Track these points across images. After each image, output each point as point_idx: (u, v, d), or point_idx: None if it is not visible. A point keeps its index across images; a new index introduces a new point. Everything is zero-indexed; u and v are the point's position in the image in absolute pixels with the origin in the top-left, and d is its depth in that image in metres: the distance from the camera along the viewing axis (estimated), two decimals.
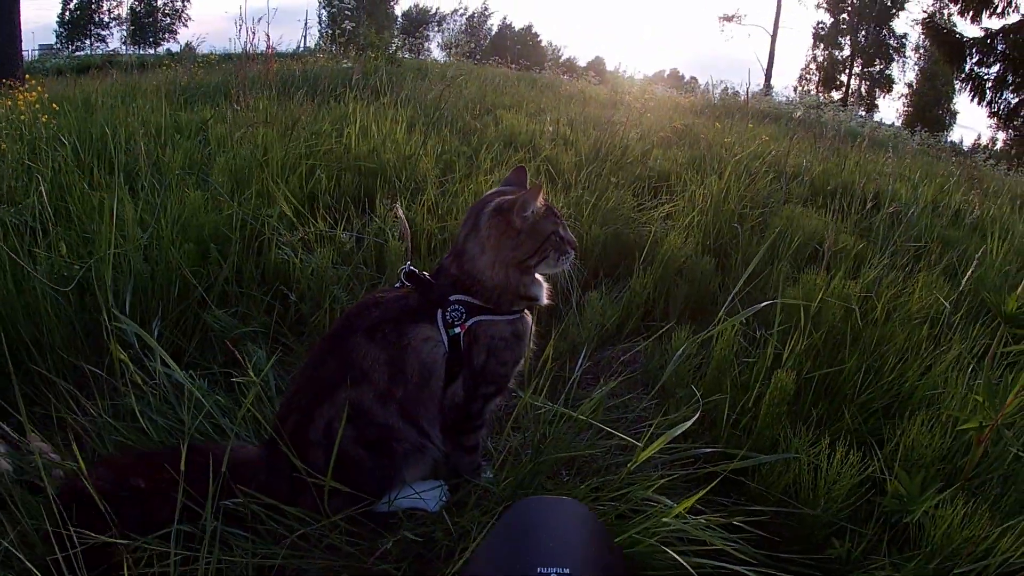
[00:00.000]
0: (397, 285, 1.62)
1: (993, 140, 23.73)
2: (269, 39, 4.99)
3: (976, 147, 17.51)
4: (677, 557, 1.29)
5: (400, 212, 2.17)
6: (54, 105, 4.20)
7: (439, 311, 1.53)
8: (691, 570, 1.28)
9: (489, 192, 1.70)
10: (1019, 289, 2.73)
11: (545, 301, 1.67)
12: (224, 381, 2.02)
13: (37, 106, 4.02)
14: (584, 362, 2.01)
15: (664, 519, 1.37)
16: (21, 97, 3.94)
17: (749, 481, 1.72)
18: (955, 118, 36.39)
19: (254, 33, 4.81)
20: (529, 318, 1.66)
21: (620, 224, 3.28)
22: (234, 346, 2.14)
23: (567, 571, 0.79)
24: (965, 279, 2.56)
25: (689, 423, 1.48)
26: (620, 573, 0.91)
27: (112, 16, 41.33)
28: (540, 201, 1.57)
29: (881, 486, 1.71)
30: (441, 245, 2.76)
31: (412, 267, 1.60)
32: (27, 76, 6.56)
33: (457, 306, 1.54)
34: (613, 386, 1.76)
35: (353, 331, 1.53)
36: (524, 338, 1.64)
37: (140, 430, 1.73)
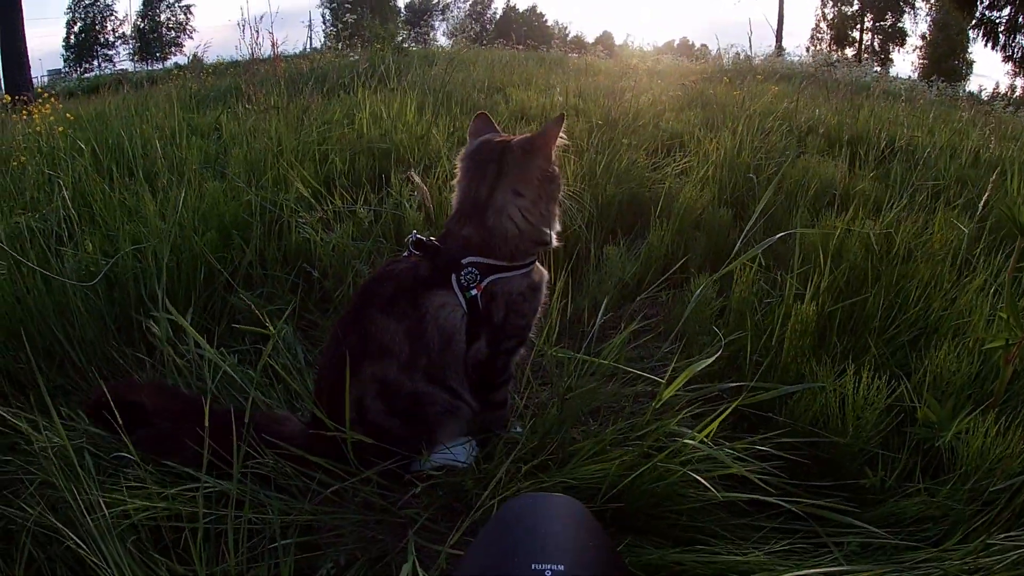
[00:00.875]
0: (406, 254, 1.63)
1: (1012, 88, 23.13)
2: (274, 37, 5.02)
3: (995, 95, 17.04)
4: (700, 479, 1.31)
5: (416, 177, 2.18)
6: (69, 115, 4.28)
7: (453, 275, 1.54)
8: (715, 492, 1.29)
9: (471, 144, 1.68)
10: None
11: (556, 242, 1.67)
12: (254, 358, 2.07)
13: (52, 119, 4.10)
14: (604, 315, 2.02)
15: (687, 441, 1.38)
16: (37, 111, 4.02)
17: (776, 416, 1.73)
18: (972, 68, 35.31)
19: (258, 32, 4.85)
20: (542, 268, 1.68)
21: (635, 183, 3.27)
22: (261, 324, 2.21)
23: (561, 568, 0.79)
24: (982, 203, 2.51)
25: (711, 359, 1.47)
26: (615, 569, 0.90)
27: (117, 35, 41.86)
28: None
29: (911, 416, 1.70)
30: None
31: (419, 235, 1.61)
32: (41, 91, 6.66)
33: (471, 268, 1.54)
34: (633, 328, 1.76)
35: (369, 306, 1.54)
36: (540, 288, 1.66)
37: None
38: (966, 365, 1.79)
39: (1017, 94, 20.13)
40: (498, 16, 47.11)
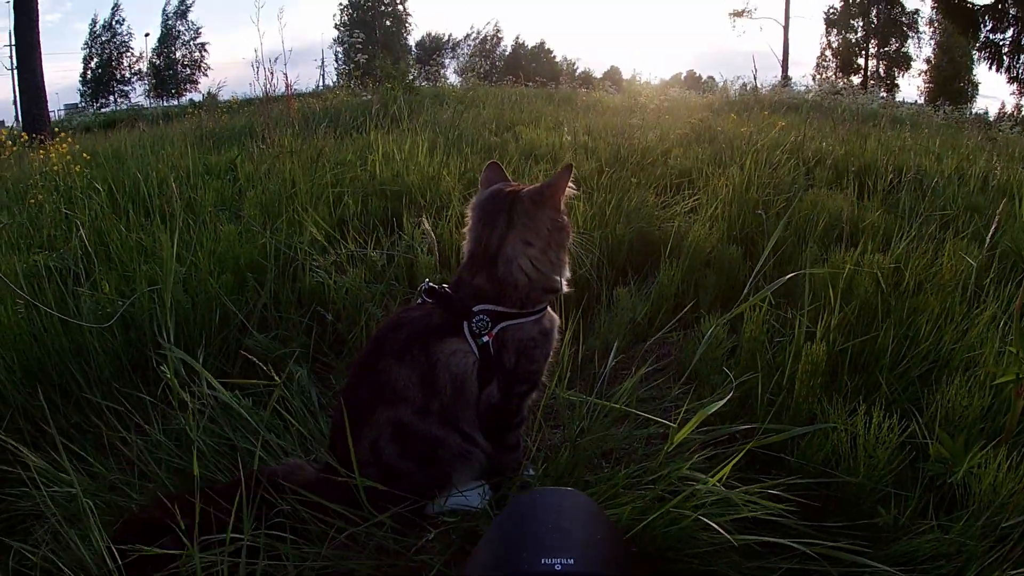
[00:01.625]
0: (419, 302, 1.66)
1: (1018, 107, 23.15)
2: (287, 78, 5.12)
3: (1001, 116, 17.10)
4: (712, 523, 1.30)
5: (427, 225, 2.22)
6: (86, 155, 4.37)
7: (464, 323, 1.56)
8: (728, 537, 1.28)
9: (482, 193, 1.71)
10: None
11: (566, 289, 1.69)
12: (269, 400, 2.08)
13: (69, 157, 4.18)
14: (616, 357, 2.03)
15: (700, 487, 1.38)
16: (53, 149, 4.10)
17: (788, 457, 1.72)
18: (977, 89, 35.50)
19: (272, 73, 4.94)
20: (554, 314, 1.70)
21: (644, 223, 3.29)
22: (276, 365, 2.22)
23: (571, 562, 0.80)
24: (989, 236, 2.52)
25: (723, 401, 1.48)
26: (624, 562, 0.90)
27: (133, 71, 42.63)
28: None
29: (923, 452, 1.70)
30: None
31: (431, 283, 1.64)
32: (57, 131, 6.80)
33: (482, 316, 1.56)
34: (643, 371, 1.78)
35: (382, 354, 1.57)
36: (551, 334, 1.67)
37: (189, 450, 1.80)
38: (977, 400, 1.79)
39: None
40: (507, 52, 47.79)
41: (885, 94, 20.56)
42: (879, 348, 2.15)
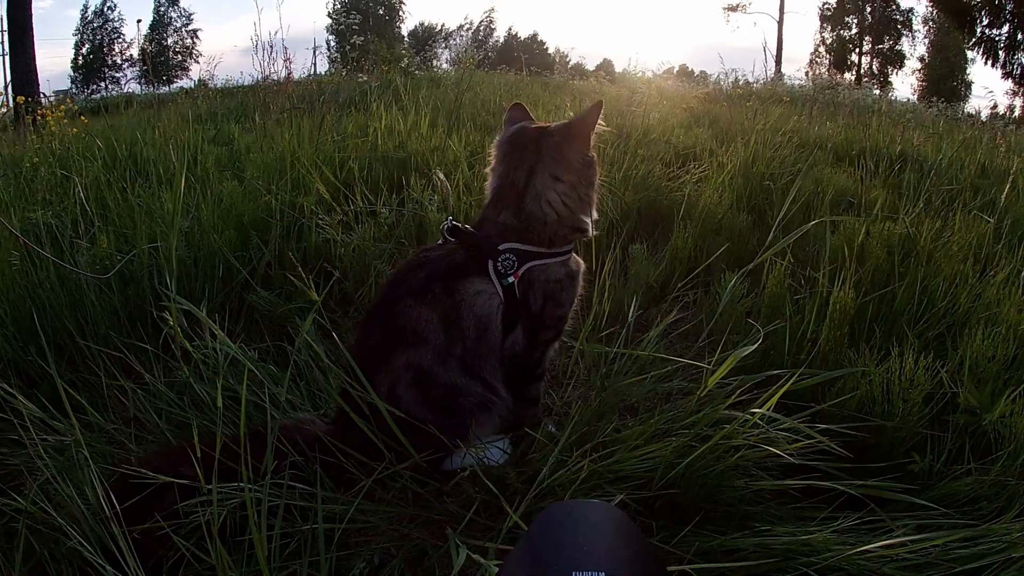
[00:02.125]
0: (440, 242, 1.59)
1: (1011, 107, 23.33)
2: (288, 53, 5.06)
3: (993, 115, 17.23)
4: (757, 458, 1.26)
5: (440, 176, 2.16)
6: (83, 118, 4.27)
7: (489, 262, 1.50)
8: (768, 480, 1.24)
9: (507, 130, 1.66)
10: None
11: (592, 232, 1.64)
12: (275, 355, 2.03)
13: (66, 121, 4.08)
14: (635, 312, 1.98)
15: (741, 418, 1.34)
16: (51, 115, 4.00)
17: (819, 405, 1.68)
18: (970, 88, 35.59)
19: (272, 47, 4.87)
20: (579, 258, 1.64)
21: (652, 191, 3.26)
22: (283, 323, 2.17)
23: (602, 574, 0.76)
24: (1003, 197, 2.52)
25: (755, 346, 1.44)
26: (657, 574, 0.88)
27: (124, 57, 42.15)
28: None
29: (949, 404, 1.69)
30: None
31: (454, 221, 1.57)
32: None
33: (508, 255, 1.50)
34: (668, 321, 1.72)
35: (400, 295, 1.50)
36: (577, 277, 1.62)
37: (192, 403, 1.74)
38: (1001, 350, 1.79)
39: (1016, 113, 20.35)
40: (500, 43, 47.68)
41: (879, 91, 20.56)
42: (897, 307, 2.14)
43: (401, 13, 44.50)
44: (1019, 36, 18.34)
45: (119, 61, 41.97)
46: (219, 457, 1.18)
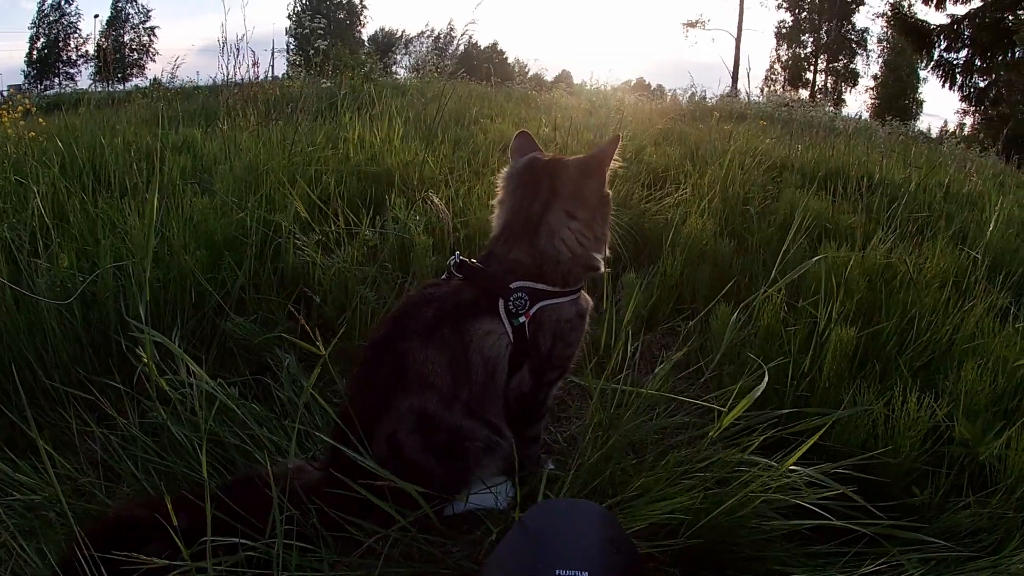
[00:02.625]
0: (444, 277, 1.52)
1: (960, 126, 24.26)
2: (255, 55, 4.89)
3: (944, 133, 17.90)
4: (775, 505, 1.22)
5: (436, 199, 2.08)
6: (41, 120, 4.06)
7: (500, 301, 1.43)
8: (783, 522, 1.21)
9: (517, 162, 1.60)
10: None
11: (604, 269, 1.58)
12: (256, 391, 1.91)
13: (22, 123, 3.86)
14: (631, 343, 1.93)
15: (760, 473, 1.33)
16: (6, 115, 3.78)
17: (824, 442, 1.66)
18: (922, 107, 36.90)
19: (238, 49, 4.70)
20: (587, 296, 1.58)
21: (634, 214, 3.23)
22: (260, 353, 2.05)
23: (585, 574, 0.78)
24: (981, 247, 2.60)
25: (763, 384, 1.41)
26: (639, 574, 0.87)
27: (80, 54, 40.87)
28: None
29: (943, 436, 1.70)
30: (464, 241, 2.65)
31: (462, 257, 1.50)
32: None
33: (520, 293, 1.43)
34: (679, 356, 1.68)
35: (405, 334, 1.42)
36: (586, 316, 1.57)
37: (169, 446, 1.62)
38: (989, 383, 1.83)
39: (966, 132, 21.18)
40: (460, 51, 47.63)
41: (832, 108, 21.17)
42: (883, 339, 2.15)
43: (363, 17, 44.20)
44: (976, 61, 19.06)
45: (74, 57, 40.70)
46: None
